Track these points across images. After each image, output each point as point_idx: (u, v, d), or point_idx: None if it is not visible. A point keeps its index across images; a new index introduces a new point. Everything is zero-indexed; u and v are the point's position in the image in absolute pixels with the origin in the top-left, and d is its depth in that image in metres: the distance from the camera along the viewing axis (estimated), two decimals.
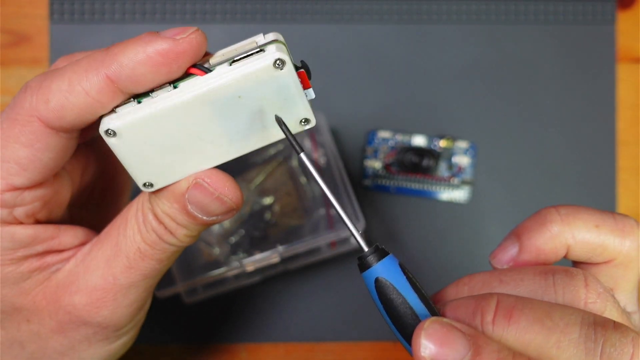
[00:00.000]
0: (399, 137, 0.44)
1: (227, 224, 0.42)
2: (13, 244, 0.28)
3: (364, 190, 0.45)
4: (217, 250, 0.42)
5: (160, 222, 0.27)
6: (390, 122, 0.45)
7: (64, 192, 0.29)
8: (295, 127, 0.26)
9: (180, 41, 0.24)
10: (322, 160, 0.43)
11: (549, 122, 0.45)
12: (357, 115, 0.45)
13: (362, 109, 0.45)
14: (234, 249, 0.42)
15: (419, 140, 0.44)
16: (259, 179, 0.42)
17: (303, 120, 0.26)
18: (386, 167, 0.44)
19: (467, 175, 0.44)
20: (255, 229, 0.42)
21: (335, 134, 0.44)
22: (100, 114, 0.26)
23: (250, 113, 0.25)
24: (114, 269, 0.28)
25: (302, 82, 0.25)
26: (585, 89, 0.45)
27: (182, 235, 0.28)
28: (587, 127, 0.45)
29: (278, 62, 0.24)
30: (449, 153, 0.44)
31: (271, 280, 0.43)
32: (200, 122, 0.25)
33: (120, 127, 0.25)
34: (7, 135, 0.26)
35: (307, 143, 0.43)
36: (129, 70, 0.24)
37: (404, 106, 0.45)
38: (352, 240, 0.42)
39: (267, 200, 0.42)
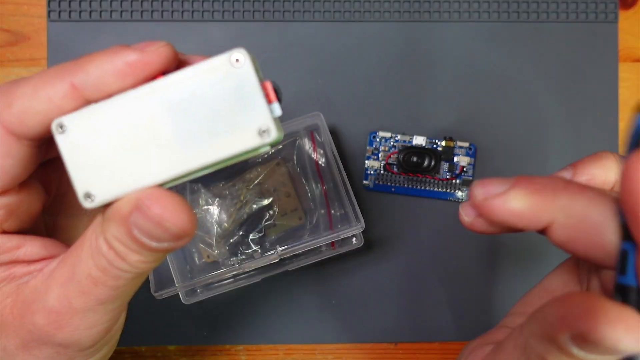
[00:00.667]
0: (400, 137, 0.44)
1: (226, 224, 0.42)
2: None
3: (364, 190, 0.44)
4: (216, 251, 0.42)
5: (110, 246, 0.25)
6: (391, 122, 0.45)
7: (34, 202, 0.28)
8: (254, 140, 0.23)
9: (148, 52, 0.24)
10: (322, 160, 0.42)
11: (550, 122, 0.45)
12: (358, 115, 0.45)
13: (362, 109, 0.45)
14: (233, 250, 0.42)
15: (420, 141, 0.44)
16: (258, 179, 0.42)
17: (262, 131, 0.23)
18: (386, 167, 0.44)
19: (468, 176, 0.44)
20: (254, 230, 0.42)
21: (335, 134, 0.44)
22: None
23: (205, 115, 0.24)
24: (68, 292, 0.26)
25: (266, 95, 0.23)
26: (587, 88, 0.45)
27: (134, 261, 0.25)
28: (589, 127, 0.45)
29: (235, 56, 0.23)
30: (449, 153, 0.44)
31: (271, 280, 0.43)
32: (151, 119, 0.24)
33: (69, 120, 0.24)
34: None
35: (307, 143, 0.43)
36: (95, 78, 0.24)
37: (405, 106, 0.45)
38: (352, 240, 0.41)
39: (266, 201, 0.42)
